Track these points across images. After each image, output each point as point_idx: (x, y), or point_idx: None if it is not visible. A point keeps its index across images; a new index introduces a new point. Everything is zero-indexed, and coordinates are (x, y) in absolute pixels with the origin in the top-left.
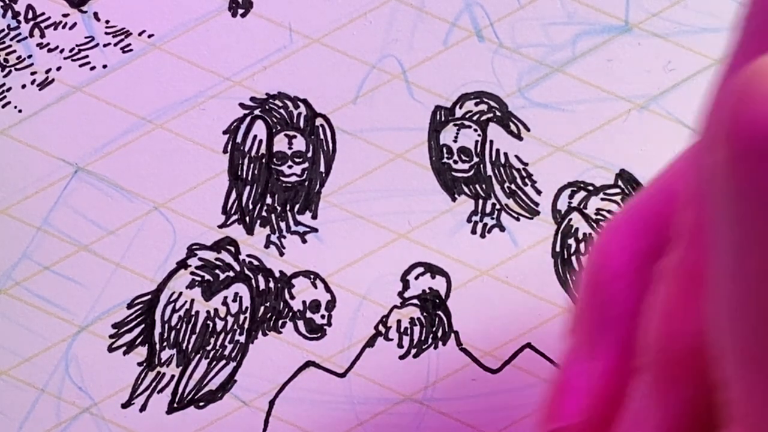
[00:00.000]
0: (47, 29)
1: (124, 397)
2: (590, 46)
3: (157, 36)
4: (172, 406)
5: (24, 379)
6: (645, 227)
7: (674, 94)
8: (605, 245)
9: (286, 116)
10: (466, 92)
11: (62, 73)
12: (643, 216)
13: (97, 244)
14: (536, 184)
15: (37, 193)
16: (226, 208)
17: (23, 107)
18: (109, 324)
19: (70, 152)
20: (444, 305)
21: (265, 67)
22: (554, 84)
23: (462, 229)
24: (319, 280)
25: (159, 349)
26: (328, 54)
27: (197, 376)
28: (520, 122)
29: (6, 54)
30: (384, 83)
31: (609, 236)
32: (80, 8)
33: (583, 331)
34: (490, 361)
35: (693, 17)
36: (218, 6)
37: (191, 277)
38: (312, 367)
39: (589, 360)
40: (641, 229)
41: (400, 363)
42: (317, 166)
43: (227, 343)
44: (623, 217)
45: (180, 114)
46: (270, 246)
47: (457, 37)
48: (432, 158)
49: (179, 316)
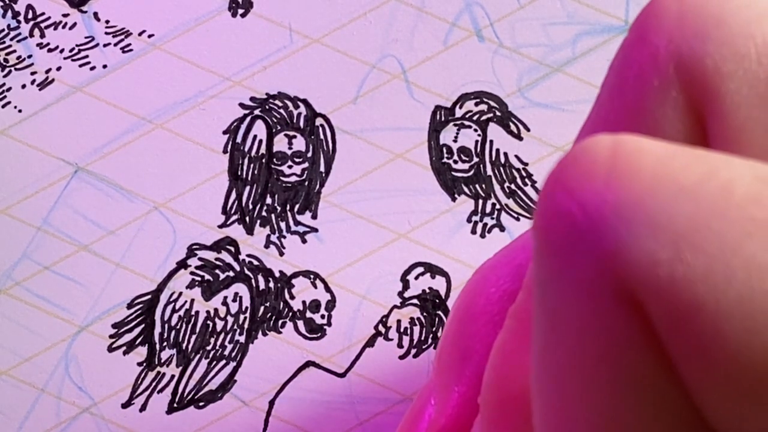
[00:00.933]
0: (47, 29)
1: (124, 397)
2: (590, 46)
3: (157, 36)
4: (172, 406)
5: (24, 379)
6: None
7: None
8: (477, 283)
9: (286, 116)
10: (466, 92)
11: (62, 73)
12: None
13: (97, 244)
14: (536, 184)
15: (37, 193)
16: (226, 208)
17: (23, 107)
18: (109, 324)
19: (70, 152)
20: (444, 305)
21: (265, 67)
22: (554, 84)
23: (462, 229)
24: (319, 280)
25: (159, 349)
26: (328, 54)
27: (197, 376)
28: (520, 122)
29: (6, 54)
30: (384, 83)
31: (482, 275)
32: (80, 8)
33: (443, 364)
34: None
35: None
36: (218, 6)
37: (191, 277)
38: (312, 367)
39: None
40: (512, 273)
41: (400, 363)
42: (317, 166)
43: (227, 343)
44: (498, 259)
45: (180, 114)
46: (270, 246)
47: (457, 37)
48: (432, 158)
49: (179, 316)
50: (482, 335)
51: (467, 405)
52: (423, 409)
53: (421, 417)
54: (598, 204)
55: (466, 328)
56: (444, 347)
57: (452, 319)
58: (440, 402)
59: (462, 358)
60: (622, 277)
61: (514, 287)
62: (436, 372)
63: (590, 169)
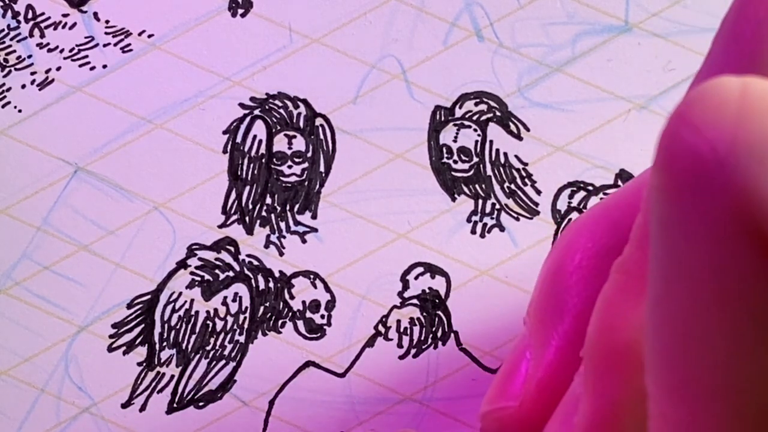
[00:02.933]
0: (47, 29)
1: (123, 397)
2: (590, 46)
3: (157, 36)
4: (172, 406)
5: (24, 379)
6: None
7: (674, 94)
8: (570, 239)
9: (285, 116)
10: (466, 92)
11: (62, 73)
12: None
13: (97, 244)
14: (536, 184)
15: (37, 193)
16: (225, 208)
17: (23, 107)
18: (108, 324)
19: (70, 152)
20: (444, 305)
21: (265, 67)
22: (554, 84)
23: (462, 229)
24: (318, 280)
25: (159, 349)
26: (328, 54)
27: (197, 376)
28: (520, 122)
29: (6, 54)
30: (384, 83)
31: (574, 231)
32: (80, 8)
33: (538, 319)
34: (490, 361)
35: (693, 17)
36: (218, 6)
37: (191, 277)
38: (312, 367)
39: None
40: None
41: (400, 363)
42: (317, 166)
43: (227, 343)
44: (591, 215)
45: (180, 114)
46: (270, 246)
47: (457, 37)
48: (432, 158)
49: (179, 316)
50: (579, 290)
51: (564, 358)
52: (518, 363)
53: (516, 371)
54: (728, 142)
55: (561, 284)
56: (537, 303)
57: (545, 275)
58: (536, 356)
59: (557, 313)
60: (755, 215)
61: (611, 242)
62: (530, 327)
63: (720, 108)
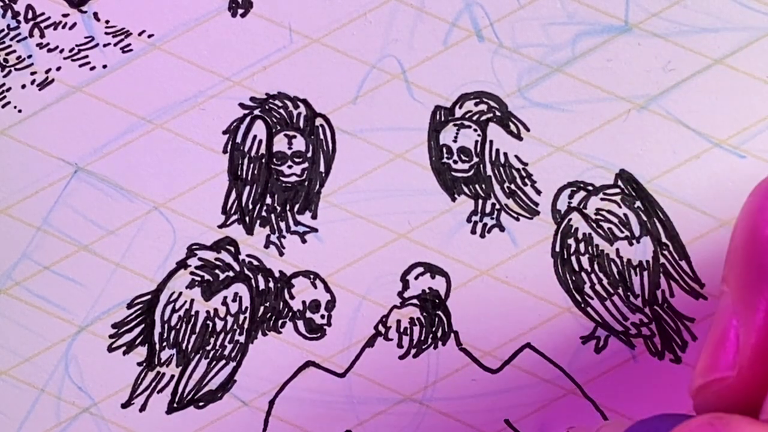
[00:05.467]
0: (47, 29)
1: (123, 397)
2: (590, 46)
3: (157, 36)
4: (172, 406)
5: (24, 379)
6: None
7: (674, 94)
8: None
9: (285, 116)
10: (466, 92)
11: (62, 73)
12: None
13: (97, 244)
14: (536, 184)
15: (37, 193)
16: (225, 208)
17: (23, 107)
18: (108, 324)
19: (70, 152)
20: (444, 305)
21: (265, 67)
22: (554, 84)
23: (462, 229)
24: (318, 280)
25: (159, 349)
26: (328, 54)
27: (197, 376)
28: (519, 122)
29: (6, 54)
30: (384, 83)
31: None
32: (80, 8)
33: (739, 285)
34: (490, 361)
35: (693, 17)
36: (218, 6)
37: (191, 277)
38: (312, 367)
39: (745, 314)
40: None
41: (400, 363)
42: (317, 166)
43: (227, 343)
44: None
45: (180, 114)
46: (270, 246)
47: (457, 37)
48: (432, 158)
49: (179, 316)
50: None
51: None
52: (726, 331)
53: (726, 338)
54: None
55: (760, 247)
56: (737, 269)
57: (741, 240)
58: (746, 322)
59: (761, 277)
60: None
61: None
62: (732, 294)
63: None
